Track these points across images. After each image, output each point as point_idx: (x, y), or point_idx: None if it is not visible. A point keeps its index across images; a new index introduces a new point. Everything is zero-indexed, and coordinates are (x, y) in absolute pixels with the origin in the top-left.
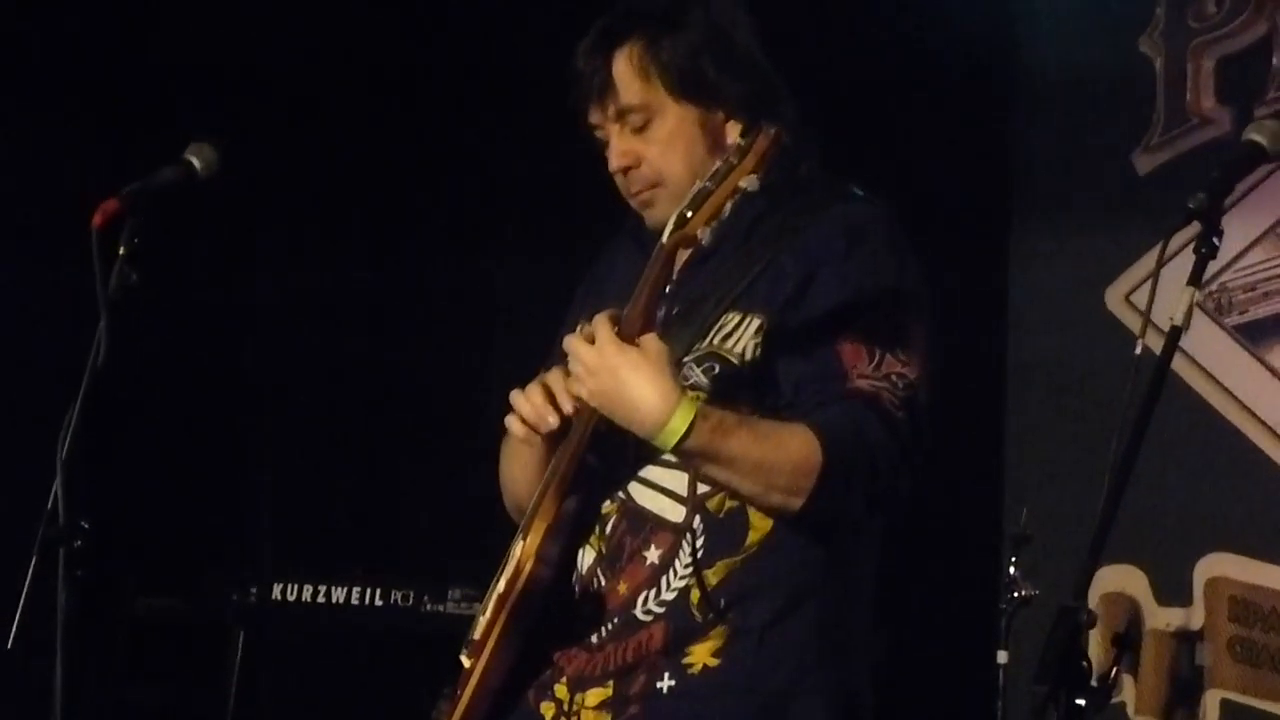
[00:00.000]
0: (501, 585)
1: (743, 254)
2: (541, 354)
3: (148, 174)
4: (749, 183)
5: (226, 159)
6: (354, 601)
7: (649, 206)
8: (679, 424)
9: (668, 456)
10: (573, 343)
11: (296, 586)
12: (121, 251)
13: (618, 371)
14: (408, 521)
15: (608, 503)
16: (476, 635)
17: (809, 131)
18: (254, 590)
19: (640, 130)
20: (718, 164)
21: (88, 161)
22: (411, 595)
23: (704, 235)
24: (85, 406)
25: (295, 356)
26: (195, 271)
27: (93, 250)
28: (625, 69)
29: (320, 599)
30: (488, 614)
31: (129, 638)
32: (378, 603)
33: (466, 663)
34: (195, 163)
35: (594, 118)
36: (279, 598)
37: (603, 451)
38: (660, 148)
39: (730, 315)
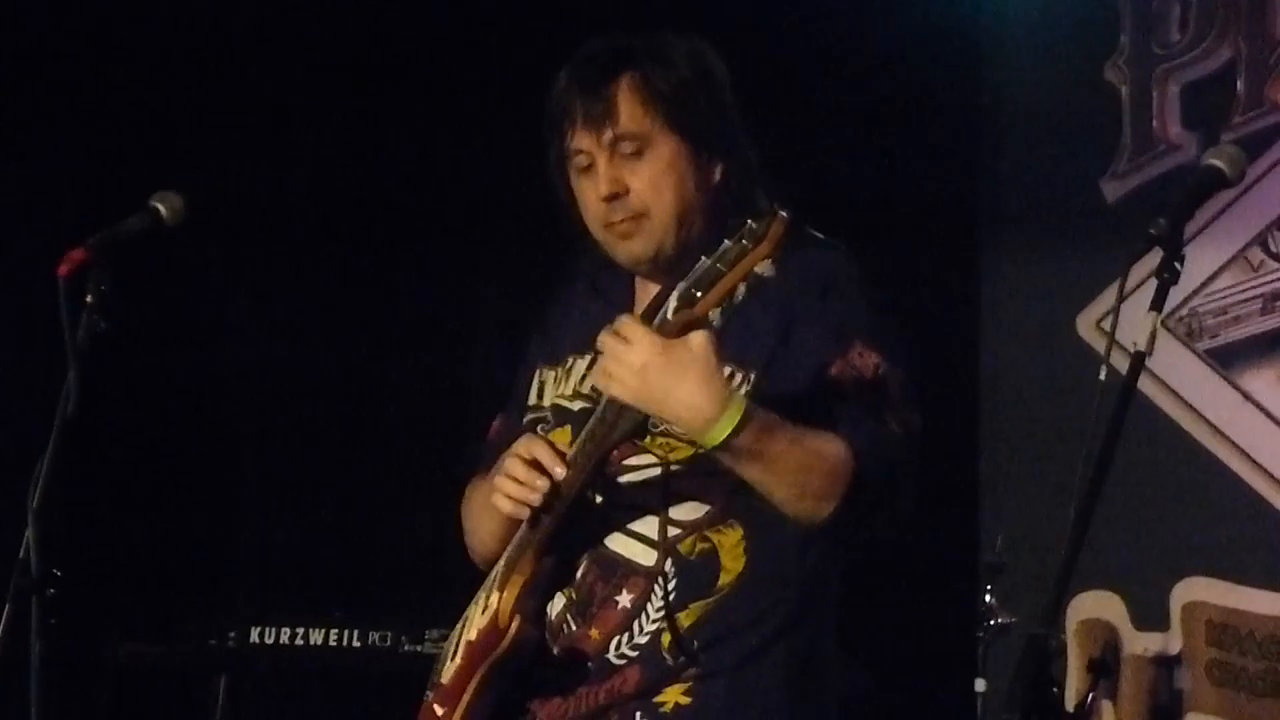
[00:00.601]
0: (473, 634)
1: None
2: (503, 400)
3: (114, 222)
4: (765, 269)
5: (193, 207)
6: (332, 643)
7: (627, 238)
8: (729, 422)
9: (636, 502)
10: (611, 342)
11: (274, 630)
12: (89, 300)
13: (667, 369)
14: (385, 563)
15: (582, 554)
16: (444, 680)
17: (768, 175)
18: (233, 635)
19: (632, 158)
20: (726, 244)
21: (54, 208)
22: (389, 636)
23: (715, 318)
24: (56, 455)
25: (271, 401)
26: (168, 316)
27: (59, 300)
28: (627, 96)
29: (299, 641)
30: (458, 660)
31: (110, 685)
32: (355, 644)
33: (439, 710)
34: (161, 210)
35: (582, 143)
36: (258, 641)
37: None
38: (651, 179)
39: None
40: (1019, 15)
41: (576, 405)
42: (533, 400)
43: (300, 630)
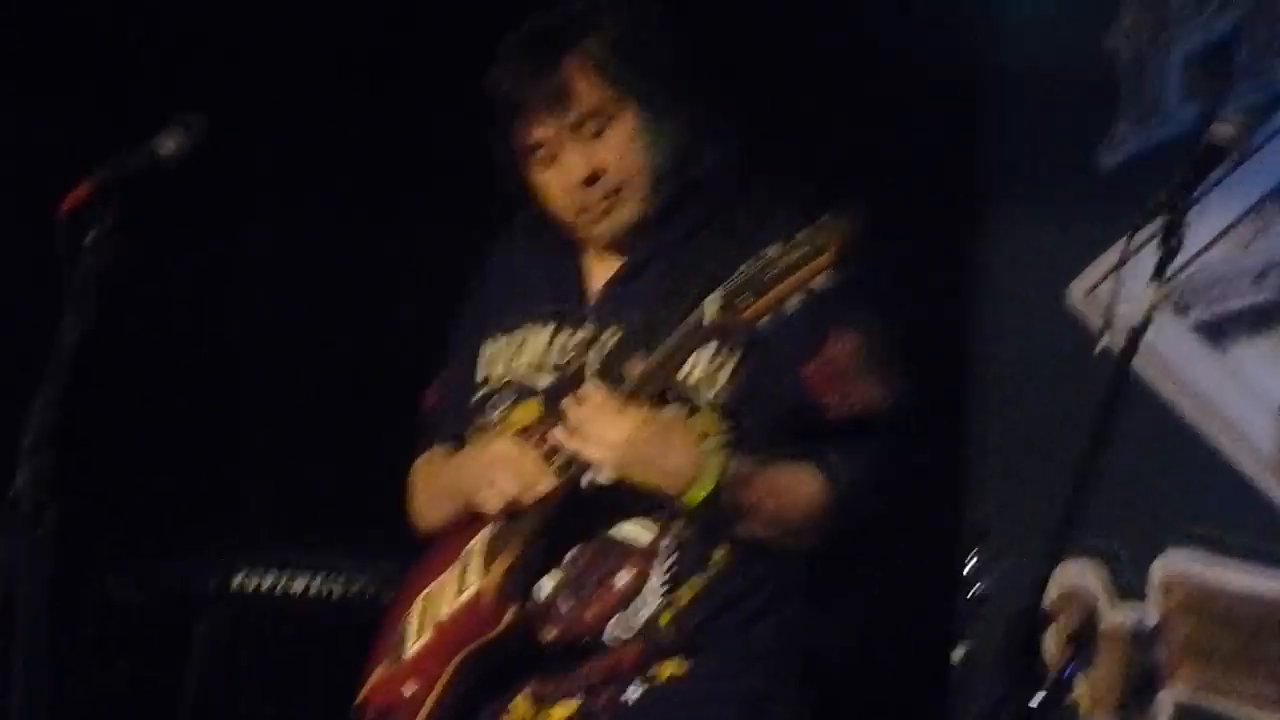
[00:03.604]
0: (447, 613)
1: (678, 274)
2: (442, 350)
3: (118, 158)
4: (821, 282)
5: (196, 142)
6: (313, 593)
7: (608, 214)
8: (707, 482)
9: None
10: (583, 415)
11: (256, 577)
12: (94, 233)
13: (650, 444)
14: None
15: (571, 532)
16: (410, 655)
17: (724, 123)
18: (211, 580)
19: (596, 135)
20: (774, 250)
21: (59, 144)
22: (372, 587)
23: (764, 326)
24: (56, 391)
25: (265, 341)
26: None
27: (60, 235)
28: (577, 74)
29: (279, 589)
30: (428, 638)
31: (96, 622)
32: (336, 594)
33: (407, 691)
34: (166, 147)
35: (542, 133)
36: (237, 587)
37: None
38: (620, 151)
39: None
40: None
41: (543, 380)
42: (482, 373)
43: (283, 576)
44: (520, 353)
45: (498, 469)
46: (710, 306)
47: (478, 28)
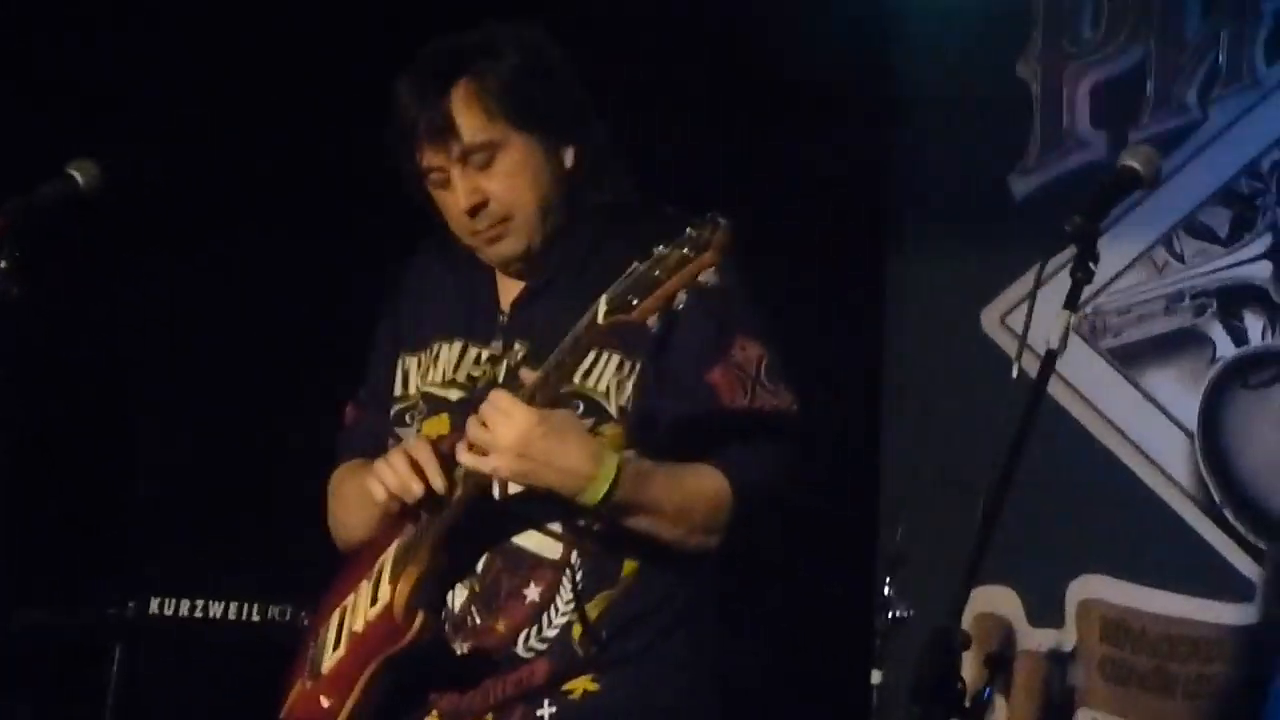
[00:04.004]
0: (360, 625)
1: (583, 288)
2: (356, 376)
3: (29, 189)
4: (708, 277)
5: (108, 175)
6: (231, 617)
7: (497, 241)
8: (605, 478)
9: (538, 495)
10: (479, 433)
11: (174, 601)
12: (2, 266)
13: (545, 439)
14: (287, 537)
15: (484, 550)
16: (326, 669)
17: (620, 152)
18: (131, 605)
19: (485, 167)
20: (662, 249)
21: None
22: (289, 610)
23: (655, 325)
24: None
25: (173, 368)
26: (69, 281)
27: None
28: (465, 107)
29: (198, 614)
30: (342, 651)
31: (8, 650)
32: (255, 618)
33: (325, 702)
34: (78, 178)
35: (433, 160)
36: (157, 612)
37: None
38: (508, 181)
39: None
40: (930, 7)
41: (453, 394)
42: (398, 390)
43: (200, 602)
44: (433, 368)
45: (393, 455)
46: (601, 306)
47: (382, 46)
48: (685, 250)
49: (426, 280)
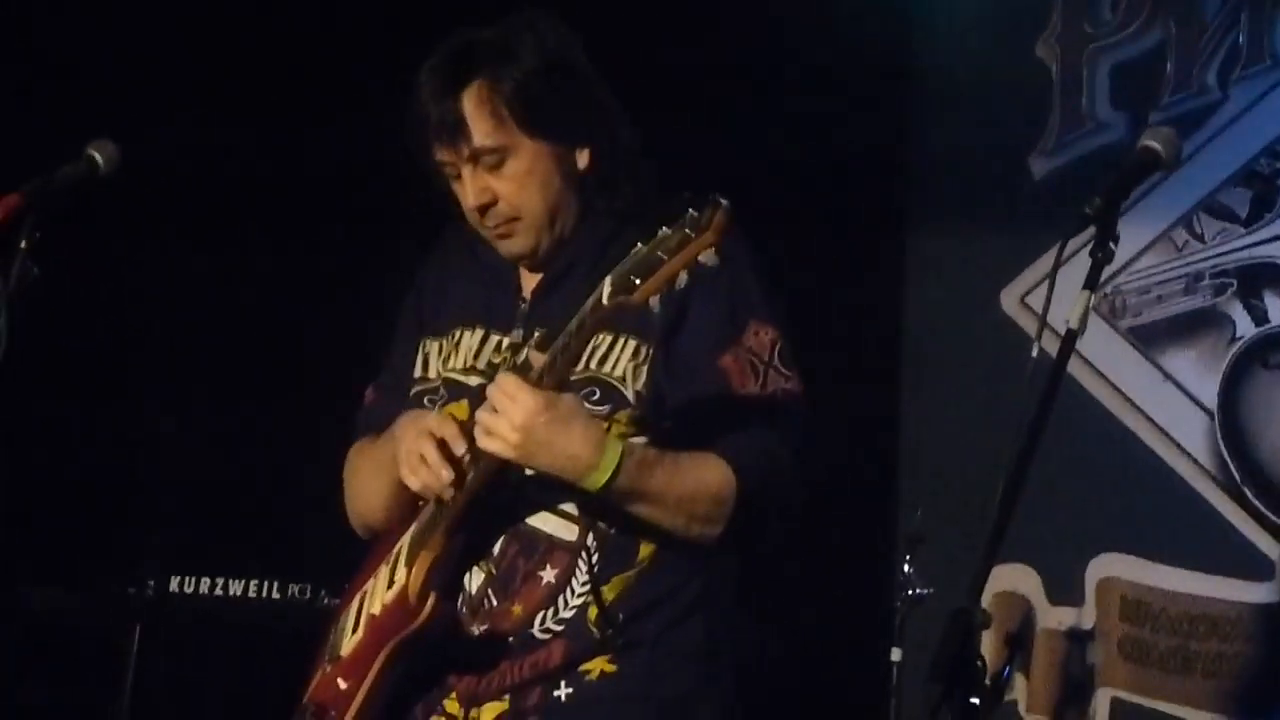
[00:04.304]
0: (377, 608)
1: (599, 276)
2: (374, 357)
3: (50, 170)
4: (708, 258)
5: (127, 156)
6: (251, 595)
7: (506, 238)
8: (608, 465)
9: (553, 478)
10: (486, 416)
11: (194, 580)
12: (23, 246)
13: (549, 425)
14: (307, 515)
15: (498, 532)
16: (345, 652)
17: (643, 148)
18: (151, 583)
19: (495, 168)
20: (667, 231)
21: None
22: (309, 589)
23: (656, 305)
24: None
25: (192, 347)
26: (88, 263)
27: None
28: (476, 110)
29: (218, 592)
30: (360, 634)
31: (22, 633)
32: (275, 596)
33: (343, 684)
34: (98, 159)
35: (445, 156)
36: (176, 590)
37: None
38: (517, 184)
39: (601, 336)
40: None
41: (473, 381)
42: (418, 372)
43: (219, 581)
44: (455, 354)
45: (421, 441)
46: (604, 288)
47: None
48: (686, 230)
49: (449, 267)
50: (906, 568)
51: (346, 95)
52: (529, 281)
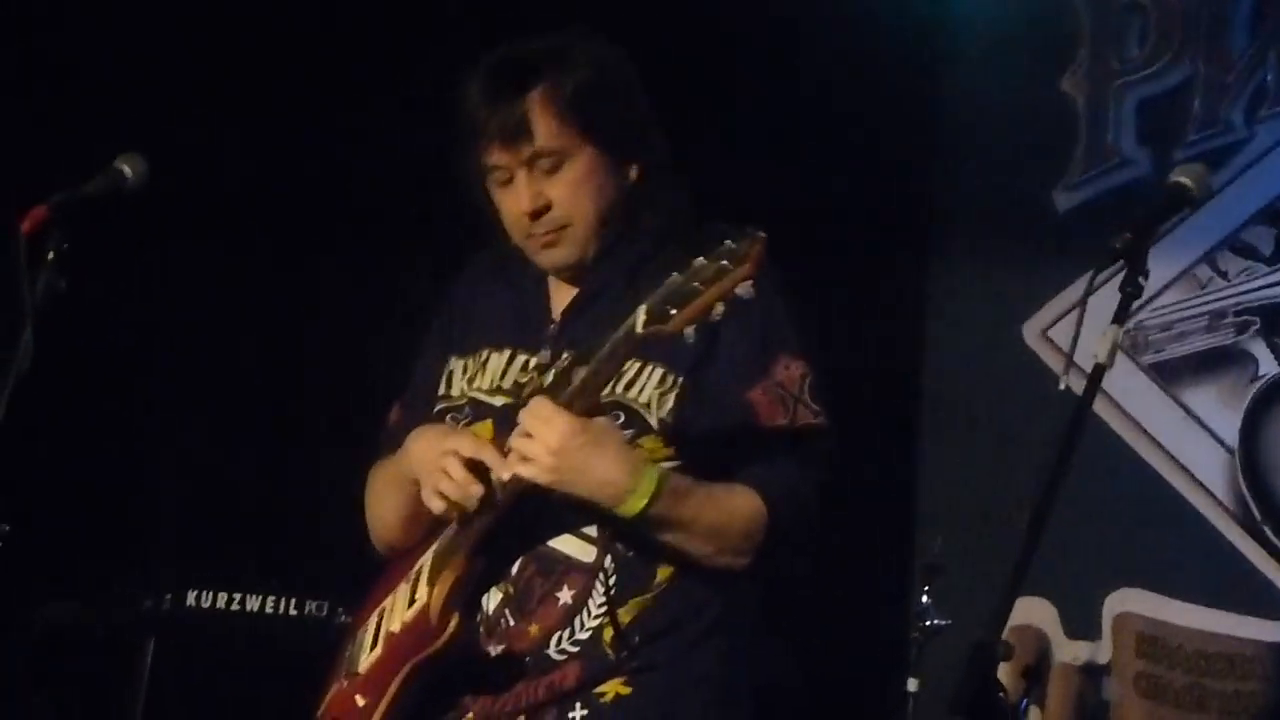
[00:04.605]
0: (397, 626)
1: (630, 300)
2: (394, 371)
3: (76, 182)
4: (744, 290)
5: (154, 169)
6: (268, 610)
7: (553, 247)
8: (644, 494)
9: (573, 500)
10: (520, 441)
11: (210, 594)
12: (50, 258)
13: (584, 449)
14: (326, 532)
15: (519, 553)
16: (363, 669)
17: (680, 171)
18: (167, 597)
19: (551, 173)
20: (701, 261)
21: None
22: (325, 606)
23: (690, 335)
24: (6, 414)
25: (206, 362)
26: (103, 273)
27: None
28: (540, 112)
29: (234, 607)
30: (379, 651)
31: (35, 646)
32: (291, 612)
33: (360, 701)
34: (126, 172)
35: (499, 159)
36: (192, 604)
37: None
38: (571, 190)
39: (629, 363)
40: (978, 22)
41: (499, 401)
42: (443, 390)
43: (235, 595)
44: (481, 374)
45: (446, 460)
46: (639, 316)
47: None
48: (723, 262)
49: (477, 290)
50: (924, 598)
51: (350, 97)
52: (559, 302)
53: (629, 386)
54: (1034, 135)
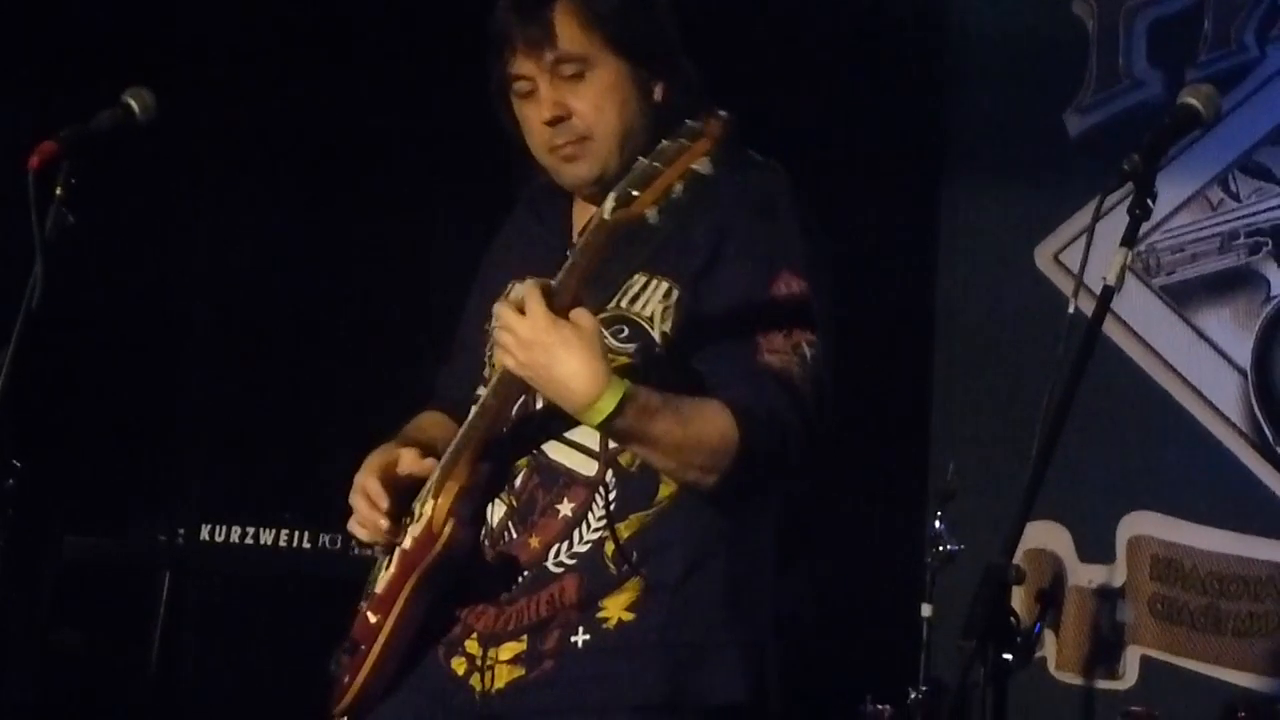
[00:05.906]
0: (408, 543)
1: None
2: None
3: (93, 116)
4: (702, 165)
5: (164, 103)
6: (283, 544)
7: (572, 160)
8: (606, 405)
9: None
10: (504, 312)
11: (225, 528)
12: (58, 193)
13: (550, 347)
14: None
15: (519, 459)
16: (379, 589)
17: (705, 94)
18: (182, 531)
19: (573, 80)
20: (664, 143)
21: (20, 108)
22: (340, 539)
23: (652, 216)
24: (19, 349)
25: (226, 298)
26: (125, 213)
27: (29, 192)
28: (565, 19)
29: (249, 540)
30: (392, 569)
31: (55, 579)
32: (306, 545)
33: (373, 618)
34: (134, 106)
35: (523, 68)
36: (208, 539)
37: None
38: (593, 101)
39: (636, 277)
40: None
41: None
42: (483, 332)
43: (250, 529)
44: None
45: (354, 499)
46: (608, 203)
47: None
48: (682, 140)
49: (516, 221)
50: (937, 524)
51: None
52: (580, 224)
53: (634, 300)
54: (1045, 58)
